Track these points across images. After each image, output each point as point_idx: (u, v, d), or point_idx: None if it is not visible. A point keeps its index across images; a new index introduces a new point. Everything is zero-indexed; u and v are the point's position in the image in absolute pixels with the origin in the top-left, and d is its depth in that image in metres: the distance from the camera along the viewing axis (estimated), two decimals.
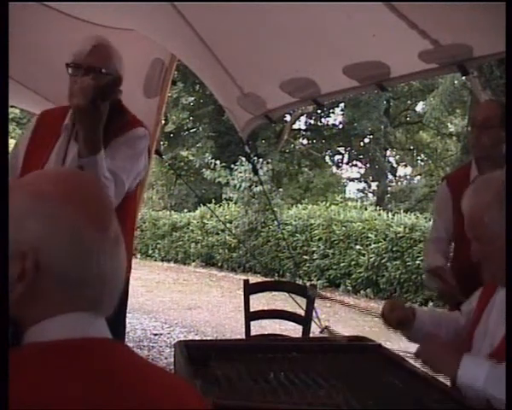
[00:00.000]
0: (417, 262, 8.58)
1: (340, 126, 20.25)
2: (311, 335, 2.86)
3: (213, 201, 12.95)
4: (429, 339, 1.62)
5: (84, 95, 1.70)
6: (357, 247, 9.60)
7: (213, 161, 13.24)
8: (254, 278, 8.91)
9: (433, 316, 1.84)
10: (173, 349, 1.91)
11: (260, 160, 12.06)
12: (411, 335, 1.78)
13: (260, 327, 3.16)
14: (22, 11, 2.77)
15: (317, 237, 10.35)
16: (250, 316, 2.86)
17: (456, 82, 14.06)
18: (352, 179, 21.97)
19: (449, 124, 19.62)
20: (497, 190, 1.42)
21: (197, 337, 6.01)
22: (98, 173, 1.75)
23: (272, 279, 9.36)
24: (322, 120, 20.54)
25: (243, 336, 2.89)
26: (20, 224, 0.75)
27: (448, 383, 1.57)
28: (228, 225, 11.57)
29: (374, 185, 21.15)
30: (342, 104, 18.64)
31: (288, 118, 18.31)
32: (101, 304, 0.79)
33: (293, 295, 3.50)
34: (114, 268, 0.80)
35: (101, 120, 1.76)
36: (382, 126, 19.01)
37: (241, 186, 11.96)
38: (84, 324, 0.76)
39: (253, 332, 2.86)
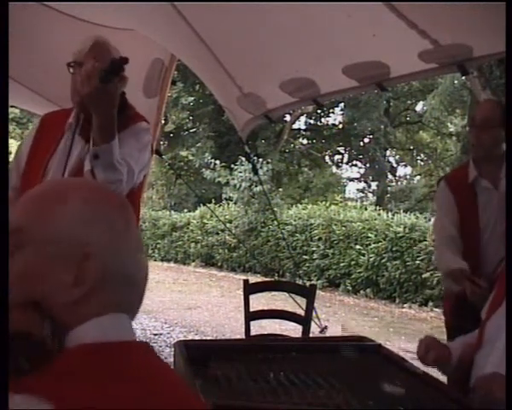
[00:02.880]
0: (417, 262, 8.58)
1: (340, 126, 20.23)
2: (311, 335, 2.86)
3: (213, 201, 12.95)
4: (481, 382, 1.52)
5: (90, 79, 1.66)
6: (357, 247, 9.60)
7: (213, 160, 13.26)
8: (254, 278, 8.92)
9: (465, 344, 1.75)
10: (173, 349, 1.91)
11: (260, 160, 12.06)
12: (449, 373, 1.73)
13: (260, 327, 3.16)
14: (22, 11, 2.78)
15: (316, 237, 10.35)
16: (250, 316, 2.85)
17: (456, 82, 14.06)
18: (352, 179, 21.99)
19: (449, 124, 19.58)
20: None
21: (197, 337, 6.01)
22: (113, 160, 1.72)
23: (272, 279, 9.35)
24: (322, 119, 20.53)
25: (243, 336, 2.89)
26: (75, 229, 0.75)
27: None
28: (228, 225, 11.56)
29: (374, 185, 21.15)
30: (342, 104, 18.64)
31: (287, 118, 18.29)
32: (135, 305, 0.82)
33: (293, 295, 3.50)
34: (143, 269, 0.82)
35: (114, 103, 1.71)
36: (382, 126, 19.01)
37: (240, 186, 11.95)
38: (124, 325, 0.79)
39: (253, 332, 2.85)
